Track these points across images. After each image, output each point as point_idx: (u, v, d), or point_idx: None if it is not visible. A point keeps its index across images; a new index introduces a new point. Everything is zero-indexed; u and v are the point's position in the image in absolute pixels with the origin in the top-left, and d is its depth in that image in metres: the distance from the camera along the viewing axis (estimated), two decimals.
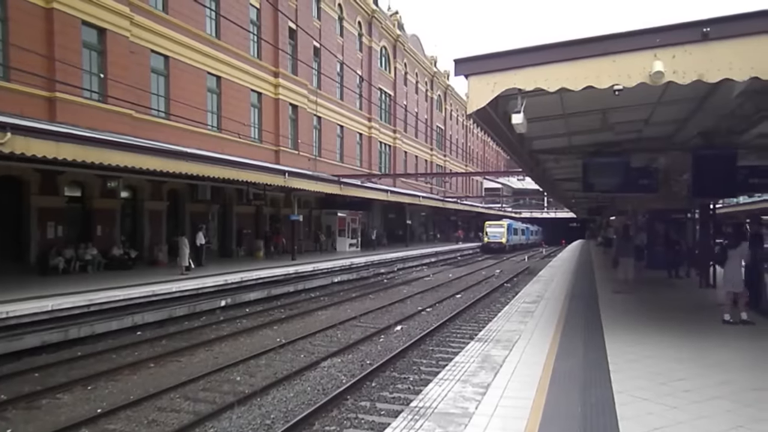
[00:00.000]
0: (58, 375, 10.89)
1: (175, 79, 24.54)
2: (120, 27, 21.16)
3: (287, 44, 33.16)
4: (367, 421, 8.31)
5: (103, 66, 20.68)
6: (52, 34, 18.58)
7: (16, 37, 17.32)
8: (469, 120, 72.67)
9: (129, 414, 8.73)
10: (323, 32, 37.36)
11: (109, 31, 20.71)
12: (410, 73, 56.01)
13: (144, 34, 22.61)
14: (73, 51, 19.25)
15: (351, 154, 42.97)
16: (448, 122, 70.37)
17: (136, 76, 21.66)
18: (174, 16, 24.35)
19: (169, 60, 24.27)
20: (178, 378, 10.51)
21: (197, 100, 25.43)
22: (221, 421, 8.38)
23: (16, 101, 17.02)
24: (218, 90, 27.73)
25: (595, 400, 6.19)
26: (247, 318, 17.45)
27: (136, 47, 22.15)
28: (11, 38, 17.35)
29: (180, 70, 24.81)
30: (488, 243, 58.00)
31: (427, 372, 10.89)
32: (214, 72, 27.20)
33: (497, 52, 7.82)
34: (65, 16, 19.01)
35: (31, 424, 8.37)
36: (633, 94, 8.13)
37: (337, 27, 40.29)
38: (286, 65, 33.23)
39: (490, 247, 57.24)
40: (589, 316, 11.92)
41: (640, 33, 7.38)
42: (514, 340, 9.53)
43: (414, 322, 16.70)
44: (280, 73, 32.25)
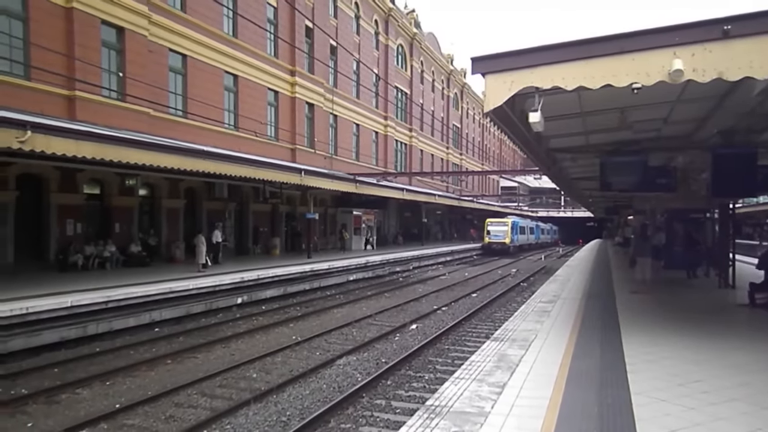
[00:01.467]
0: (77, 370, 11.02)
1: (193, 77, 24.72)
2: (138, 26, 21.35)
3: (304, 43, 33.25)
4: (383, 419, 8.33)
5: (121, 65, 20.88)
6: (72, 34, 18.80)
7: (37, 37, 17.55)
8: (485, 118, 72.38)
9: (147, 409, 8.82)
10: (340, 31, 37.40)
11: (127, 30, 20.91)
12: (427, 72, 55.91)
13: (162, 33, 22.79)
14: (93, 50, 19.46)
15: (367, 153, 43.00)
16: (464, 120, 70.18)
17: (154, 75, 21.85)
18: (192, 15, 24.52)
19: (186, 59, 24.45)
20: (195, 374, 10.61)
21: (214, 98, 25.59)
22: (238, 418, 8.44)
23: (37, 100, 17.25)
24: (235, 88, 27.88)
25: (611, 401, 6.15)
26: (263, 315, 17.54)
27: (154, 46, 22.35)
28: (32, 38, 17.57)
29: (197, 69, 24.99)
30: (489, 243, 52.02)
31: (442, 371, 10.89)
32: (231, 71, 27.35)
33: (514, 50, 7.79)
34: (85, 15, 19.22)
35: (51, 418, 8.48)
36: (652, 92, 8.05)
37: (353, 25, 40.32)
38: (303, 64, 33.33)
39: (491, 248, 51.54)
40: (606, 317, 11.84)
41: (659, 31, 7.30)
42: (531, 339, 9.49)
43: (429, 321, 16.70)
44: (296, 72, 32.35)
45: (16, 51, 17.40)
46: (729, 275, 16.50)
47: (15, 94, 16.72)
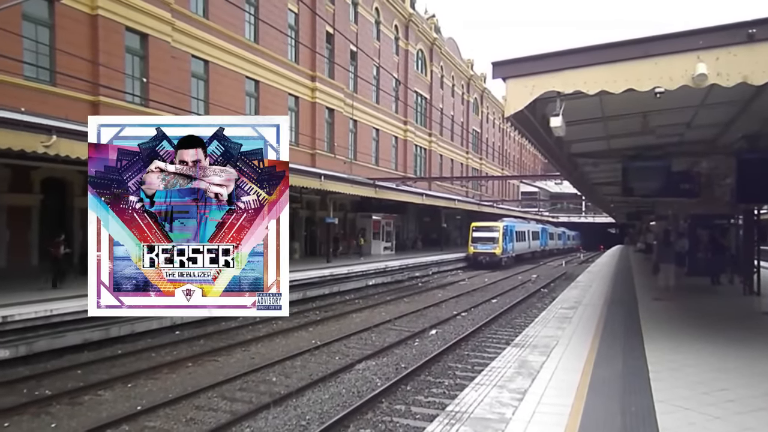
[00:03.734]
0: (99, 372, 11.14)
1: (215, 83, 24.96)
2: (162, 32, 21.64)
3: (324, 48, 33.42)
4: (402, 425, 8.30)
5: (144, 70, 21.16)
6: (97, 40, 19.11)
7: (63, 43, 17.86)
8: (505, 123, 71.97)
9: (168, 412, 8.89)
10: (360, 36, 37.55)
11: (151, 36, 21.19)
12: (446, 77, 55.87)
13: (185, 39, 23.06)
14: (117, 56, 19.76)
15: (386, 158, 43.05)
16: (484, 125, 69.98)
17: (176, 81, 22.10)
18: (214, 21, 24.78)
19: (209, 64, 24.71)
20: (216, 377, 10.67)
21: (236, 104, 25.80)
22: (257, 421, 8.47)
23: (62, 105, 17.52)
24: (256, 94, 28.10)
25: (635, 409, 6.07)
26: (283, 319, 17.55)
27: (177, 52, 22.61)
28: (58, 44, 17.89)
29: (219, 75, 25.23)
30: (475, 255, 39.73)
31: (462, 377, 10.83)
32: (253, 76, 27.58)
33: (536, 54, 7.75)
34: (109, 22, 19.53)
35: (75, 419, 8.59)
36: (675, 96, 7.96)
37: (373, 31, 40.46)
38: (323, 69, 33.51)
39: (477, 260, 39.45)
40: (629, 323, 11.71)
41: (682, 35, 7.22)
42: (552, 345, 9.41)
43: (449, 327, 16.63)
44: (317, 77, 32.53)
45: (42, 58, 17.73)
46: (754, 282, 16.23)
47: (41, 100, 17.03)
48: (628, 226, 67.64)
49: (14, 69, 16.02)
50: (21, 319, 11.45)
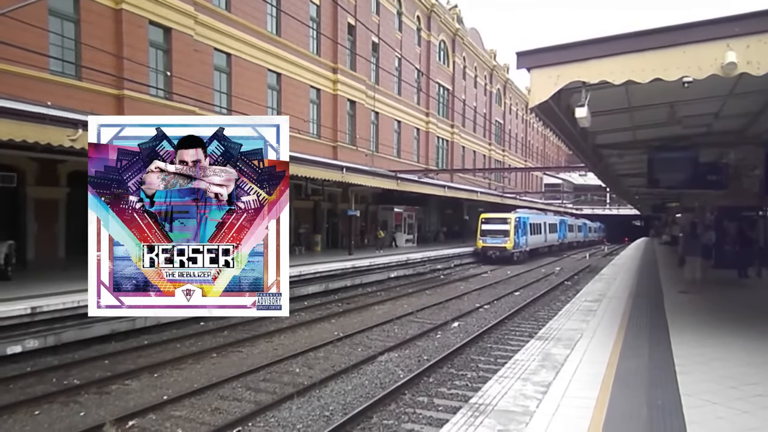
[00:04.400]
0: (126, 362, 11.32)
1: (237, 76, 25.08)
2: (185, 26, 21.77)
3: (346, 40, 33.39)
4: (426, 417, 8.31)
5: (168, 64, 21.33)
6: (121, 34, 19.28)
7: (88, 38, 18.04)
8: (529, 114, 71.52)
9: (193, 401, 9.00)
10: (382, 27, 37.42)
11: (174, 30, 21.34)
12: (469, 67, 55.49)
13: (208, 33, 23.19)
14: (140, 50, 19.93)
15: (408, 149, 42.95)
16: (507, 116, 69.41)
17: (199, 74, 22.23)
18: (236, 15, 24.88)
19: (231, 57, 24.82)
20: (240, 368, 10.77)
21: (258, 96, 25.90)
22: (281, 411, 8.54)
23: (87, 99, 17.76)
24: (278, 87, 28.18)
25: (661, 402, 6.00)
26: (306, 311, 17.69)
27: (200, 45, 22.75)
28: (83, 39, 18.08)
29: (242, 68, 25.35)
30: (484, 249, 37.11)
31: (485, 369, 10.81)
32: (275, 69, 27.65)
33: (561, 44, 7.65)
34: (133, 16, 19.70)
35: (103, 408, 8.73)
36: (703, 86, 7.81)
37: (395, 22, 40.30)
38: (345, 61, 33.48)
39: (486, 255, 36.97)
40: (654, 316, 11.57)
41: (711, 22, 7.07)
42: (576, 338, 9.33)
43: (471, 319, 16.59)
44: (338, 69, 32.52)
45: (67, 52, 17.96)
46: None
47: (67, 94, 17.27)
48: (654, 218, 66.68)
49: (41, 63, 16.25)
50: (49, 310, 11.65)
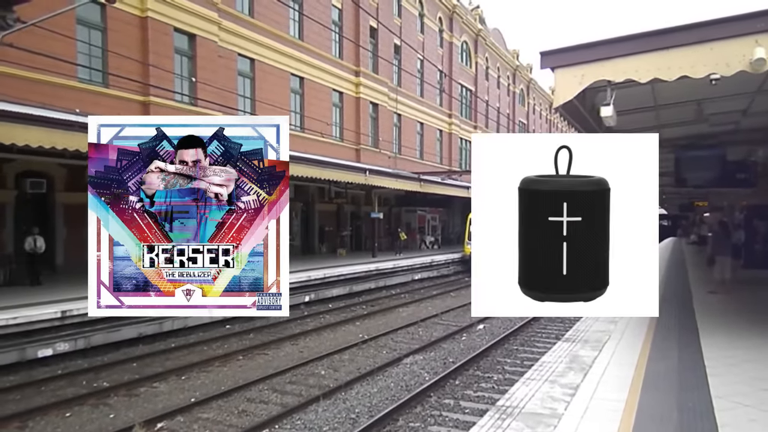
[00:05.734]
0: (154, 365, 11.46)
1: (261, 81, 25.29)
2: (209, 32, 22.02)
3: (368, 43, 33.48)
4: (452, 419, 8.28)
5: (192, 70, 21.58)
6: (147, 42, 19.58)
7: (114, 46, 18.36)
8: (553, 114, 70.90)
9: (220, 404, 9.08)
10: (404, 29, 37.44)
11: (198, 36, 21.60)
12: (492, 68, 55.23)
13: (231, 38, 23.42)
14: (166, 57, 20.20)
15: (431, 151, 42.89)
16: (530, 117, 68.97)
17: (223, 79, 22.48)
18: (260, 20, 25.09)
19: (254, 62, 25.04)
20: (266, 370, 10.85)
21: (281, 101, 26.08)
22: (308, 414, 8.57)
23: (114, 106, 18.06)
24: (301, 90, 28.36)
25: (691, 405, 5.91)
26: (330, 313, 17.75)
27: (223, 51, 22.99)
28: (110, 46, 18.40)
29: (265, 72, 25.55)
30: None
31: (511, 371, 10.73)
32: (298, 73, 27.83)
33: (585, 43, 7.61)
34: (158, 23, 19.98)
35: (132, 410, 8.85)
36: (731, 83, 7.70)
37: (417, 23, 40.29)
38: (367, 64, 33.57)
39: None
40: (683, 317, 11.38)
41: (739, 18, 6.97)
42: (604, 340, 9.23)
43: (497, 321, 16.46)
44: (361, 72, 32.61)
45: (95, 60, 18.27)
46: None
47: (94, 101, 17.57)
48: (681, 218, 65.69)
49: (69, 72, 16.55)
50: (79, 314, 11.83)
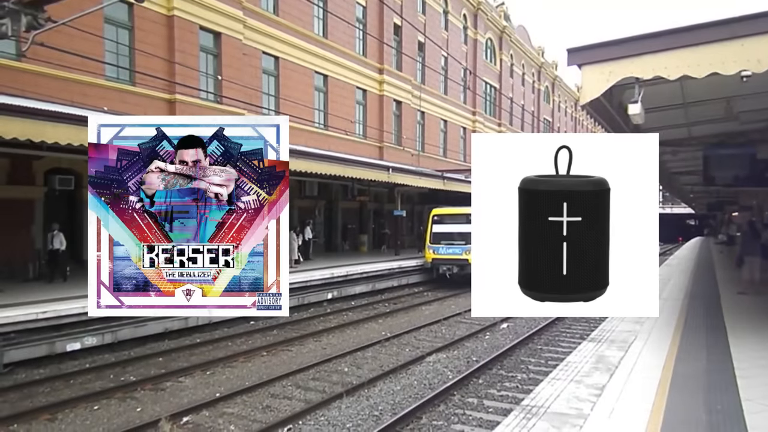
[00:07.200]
0: (179, 360, 11.60)
1: (285, 78, 25.41)
2: (234, 30, 22.17)
3: (392, 40, 33.43)
4: (476, 418, 8.24)
5: (218, 68, 21.75)
6: (173, 40, 19.77)
7: (141, 44, 18.59)
8: (579, 111, 70.23)
9: (245, 399, 9.16)
10: (428, 26, 37.30)
11: (224, 34, 21.76)
12: (516, 65, 54.79)
13: (256, 36, 23.55)
14: (191, 55, 20.38)
15: (455, 149, 42.73)
16: (555, 114, 68.30)
17: (248, 77, 22.61)
18: (284, 18, 25.20)
19: (279, 60, 25.15)
20: (290, 367, 10.91)
21: (305, 98, 26.18)
22: (331, 410, 8.59)
23: (140, 104, 18.28)
24: (325, 88, 28.42)
25: (720, 407, 5.80)
26: (353, 311, 17.79)
27: (248, 49, 23.13)
28: (137, 45, 18.63)
29: (289, 70, 25.66)
30: (435, 263, 23.73)
31: (536, 371, 10.65)
32: (322, 71, 27.90)
33: (613, 40, 7.49)
34: (184, 22, 20.17)
35: (158, 404, 8.96)
36: (762, 80, 7.52)
37: (442, 20, 40.12)
38: (391, 61, 33.53)
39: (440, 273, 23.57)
40: (711, 318, 11.20)
41: None
42: (630, 341, 9.11)
43: (520, 320, 16.33)
44: (384, 70, 32.59)
45: (122, 59, 18.51)
46: None
47: (121, 99, 17.82)
48: (709, 217, 64.64)
49: (97, 70, 16.80)
50: None
